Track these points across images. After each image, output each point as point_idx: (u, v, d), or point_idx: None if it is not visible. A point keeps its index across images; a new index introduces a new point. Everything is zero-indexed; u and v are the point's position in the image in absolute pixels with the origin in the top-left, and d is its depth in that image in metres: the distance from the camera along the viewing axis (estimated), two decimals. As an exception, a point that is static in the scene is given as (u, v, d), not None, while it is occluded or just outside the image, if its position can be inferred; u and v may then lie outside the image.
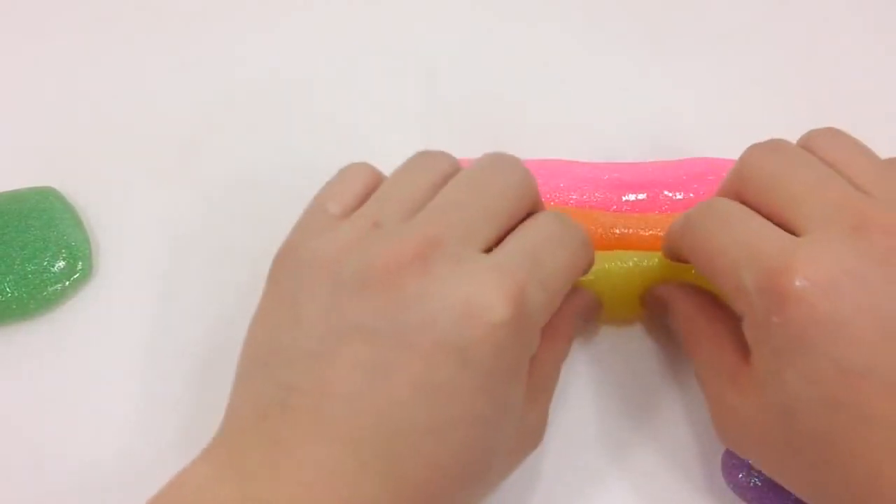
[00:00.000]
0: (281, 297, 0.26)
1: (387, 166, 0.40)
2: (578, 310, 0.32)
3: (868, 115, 0.42)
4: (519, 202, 0.28)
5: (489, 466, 0.25)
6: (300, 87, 0.43)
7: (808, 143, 0.29)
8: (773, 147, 0.29)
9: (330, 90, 0.43)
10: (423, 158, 0.30)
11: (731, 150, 0.39)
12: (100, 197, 0.39)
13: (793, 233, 0.25)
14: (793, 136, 0.41)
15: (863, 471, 0.23)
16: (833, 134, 0.29)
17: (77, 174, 0.40)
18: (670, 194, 0.38)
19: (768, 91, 0.43)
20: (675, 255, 0.31)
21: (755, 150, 0.29)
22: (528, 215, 0.29)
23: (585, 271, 0.29)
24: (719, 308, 0.30)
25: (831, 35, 0.45)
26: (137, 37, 0.44)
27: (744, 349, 0.27)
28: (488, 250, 0.26)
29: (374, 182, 0.29)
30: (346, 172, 0.30)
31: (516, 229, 0.28)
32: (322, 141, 0.41)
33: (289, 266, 0.27)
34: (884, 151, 0.41)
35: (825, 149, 0.28)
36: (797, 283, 0.23)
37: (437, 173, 0.29)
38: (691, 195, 0.38)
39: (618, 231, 0.36)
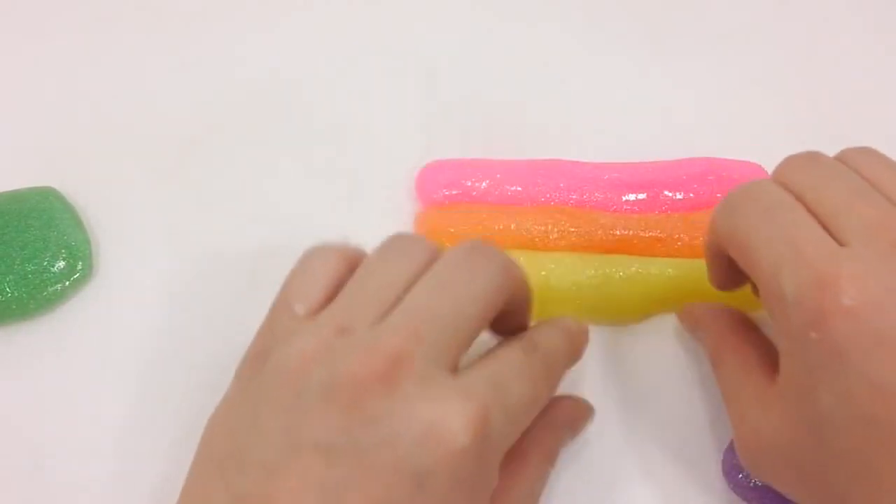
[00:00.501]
0: (244, 400, 0.25)
1: (387, 166, 0.40)
2: (558, 423, 0.31)
3: (868, 115, 0.42)
4: (495, 301, 0.27)
5: None
6: (300, 87, 0.43)
7: (843, 159, 0.28)
8: (812, 157, 0.28)
9: (330, 90, 0.43)
10: (400, 244, 0.28)
11: (731, 150, 0.40)
12: (100, 197, 0.39)
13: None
14: (793, 137, 0.41)
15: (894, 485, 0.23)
16: (868, 151, 0.28)
17: (77, 174, 0.40)
18: (670, 194, 0.38)
19: (768, 91, 0.43)
20: (717, 246, 0.29)
21: (793, 159, 0.28)
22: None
23: (554, 387, 0.28)
24: (749, 330, 0.30)
25: (831, 35, 0.45)
26: (137, 37, 0.44)
27: (771, 369, 0.27)
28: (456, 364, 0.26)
29: (344, 268, 0.27)
30: (311, 261, 0.28)
31: (484, 355, 0.27)
32: (322, 141, 0.41)
33: (254, 369, 0.26)
34: (884, 151, 0.41)
35: (861, 165, 0.27)
36: (844, 300, 0.23)
37: (412, 263, 0.27)
38: (691, 195, 0.38)
39: (618, 232, 0.36)
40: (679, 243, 0.36)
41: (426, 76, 0.43)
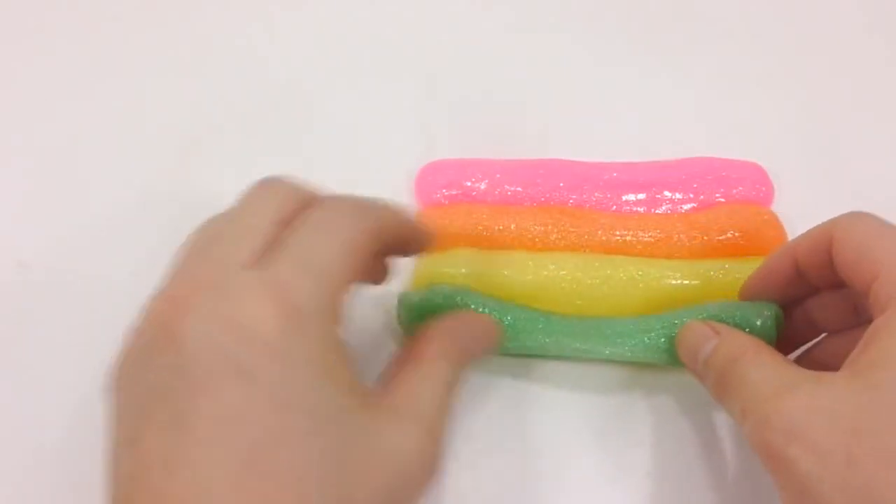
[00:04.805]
0: (109, 399, 0.26)
1: (386, 166, 0.40)
2: (457, 331, 0.30)
3: (868, 115, 0.42)
4: (280, 208, 0.27)
5: (335, 487, 0.24)
6: (300, 87, 0.43)
7: None
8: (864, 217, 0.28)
9: (330, 90, 0.43)
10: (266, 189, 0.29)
11: (731, 150, 0.40)
12: (99, 197, 0.39)
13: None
14: (792, 136, 0.41)
15: None
16: None
17: (78, 174, 0.40)
18: (670, 194, 0.38)
19: (768, 91, 0.43)
20: (797, 257, 0.30)
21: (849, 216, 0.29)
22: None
23: (372, 238, 0.27)
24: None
25: (831, 35, 0.45)
26: (137, 37, 0.44)
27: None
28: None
29: None
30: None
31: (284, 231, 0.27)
32: (322, 141, 0.41)
33: (111, 370, 0.26)
34: (884, 151, 0.41)
35: None
36: None
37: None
38: (691, 195, 0.38)
39: (618, 232, 0.36)
40: (679, 243, 0.36)
41: (426, 76, 0.43)
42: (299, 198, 0.27)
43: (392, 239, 0.29)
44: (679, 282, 0.34)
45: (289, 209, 0.27)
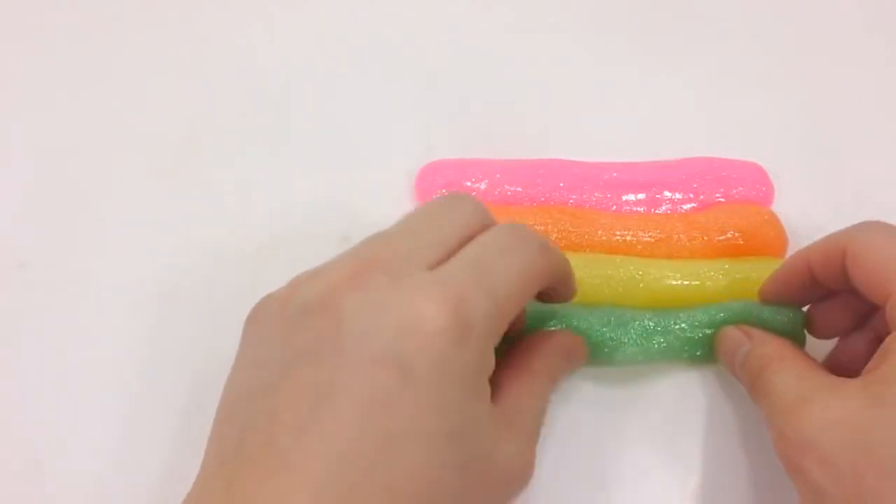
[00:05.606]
0: (244, 345, 0.26)
1: (387, 166, 0.40)
2: (557, 349, 0.31)
3: (868, 116, 0.42)
4: (466, 224, 0.27)
5: (454, 493, 0.24)
6: (300, 87, 0.43)
7: None
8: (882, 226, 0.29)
9: (330, 90, 0.43)
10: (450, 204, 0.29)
11: (731, 150, 0.40)
12: (100, 196, 0.39)
13: None
14: (792, 137, 0.41)
15: None
16: None
17: (77, 174, 0.40)
18: (670, 194, 0.38)
19: (768, 91, 0.43)
20: (811, 261, 0.30)
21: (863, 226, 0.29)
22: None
23: (545, 275, 0.28)
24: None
25: (831, 35, 0.45)
26: (137, 37, 0.44)
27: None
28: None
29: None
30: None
31: (466, 245, 0.27)
32: (322, 141, 0.41)
33: (251, 316, 0.27)
34: (884, 151, 0.41)
35: None
36: None
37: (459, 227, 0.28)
38: (691, 195, 0.38)
39: (618, 233, 0.36)
40: (679, 243, 0.36)
41: (426, 76, 0.43)
42: (482, 218, 0.28)
43: (554, 282, 0.29)
44: (679, 282, 0.34)
45: (473, 227, 0.27)
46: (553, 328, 0.33)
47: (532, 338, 0.31)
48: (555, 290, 0.30)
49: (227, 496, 0.22)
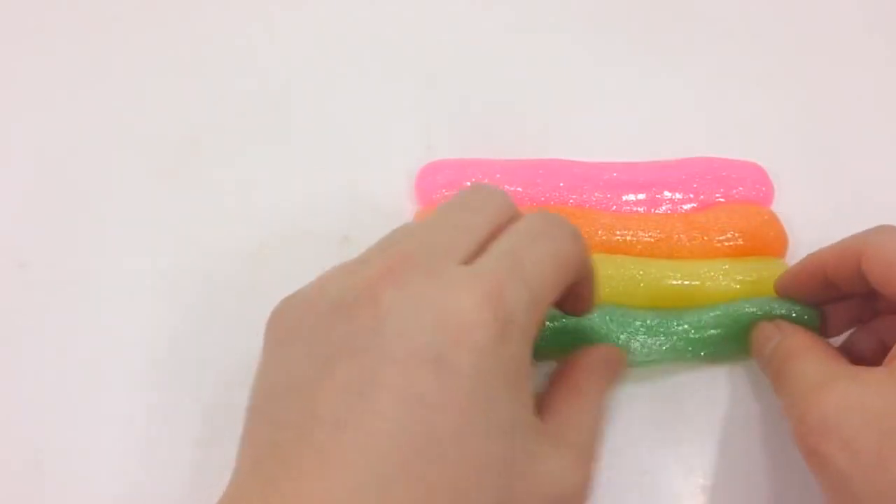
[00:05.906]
0: (272, 344, 0.26)
1: (387, 166, 0.40)
2: (601, 363, 0.31)
3: (868, 116, 0.42)
4: (496, 215, 0.27)
5: (494, 498, 0.24)
6: (300, 87, 0.43)
7: None
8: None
9: (330, 90, 0.43)
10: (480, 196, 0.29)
11: (731, 150, 0.40)
12: (100, 195, 0.39)
13: None
14: (792, 137, 0.41)
15: None
16: None
17: (77, 174, 0.40)
18: (670, 194, 0.38)
19: (768, 91, 0.43)
20: (826, 264, 0.31)
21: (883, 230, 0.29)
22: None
23: (579, 263, 0.28)
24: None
25: (830, 35, 0.45)
26: (137, 37, 0.44)
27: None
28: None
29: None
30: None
31: (498, 236, 0.27)
32: (322, 141, 0.41)
33: (277, 314, 0.26)
34: (884, 151, 0.41)
35: None
36: None
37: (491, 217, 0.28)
38: (691, 195, 0.38)
39: (618, 233, 0.36)
40: (679, 243, 0.36)
41: (426, 76, 0.43)
42: (511, 209, 0.28)
43: (586, 272, 0.29)
44: (679, 282, 0.34)
45: (503, 217, 0.27)
46: (588, 341, 0.33)
47: (574, 356, 0.31)
48: (579, 291, 0.29)
49: (264, 497, 0.22)
